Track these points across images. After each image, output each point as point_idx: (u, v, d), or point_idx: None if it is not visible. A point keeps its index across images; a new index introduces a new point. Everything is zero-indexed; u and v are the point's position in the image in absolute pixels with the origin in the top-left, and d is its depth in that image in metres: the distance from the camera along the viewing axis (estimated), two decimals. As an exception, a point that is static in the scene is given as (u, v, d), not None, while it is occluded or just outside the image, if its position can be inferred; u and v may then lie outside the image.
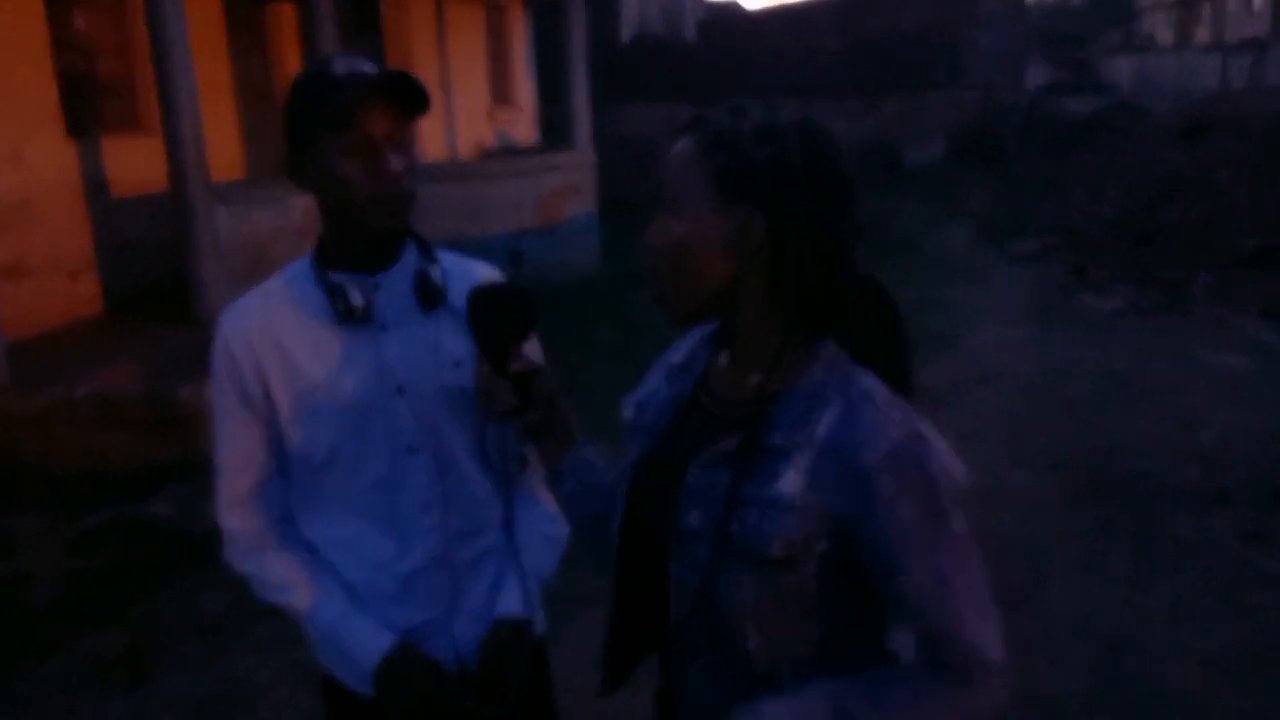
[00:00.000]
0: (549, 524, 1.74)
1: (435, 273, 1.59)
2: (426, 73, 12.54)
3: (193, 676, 3.62)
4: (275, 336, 1.56)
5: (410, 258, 1.62)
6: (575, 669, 1.67)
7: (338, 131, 1.46)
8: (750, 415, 1.20)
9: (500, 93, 14.96)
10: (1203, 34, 32.87)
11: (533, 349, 1.63)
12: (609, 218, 11.28)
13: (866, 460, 1.10)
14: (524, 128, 15.58)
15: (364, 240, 1.55)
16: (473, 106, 13.56)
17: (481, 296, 1.42)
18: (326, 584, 1.62)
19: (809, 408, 1.15)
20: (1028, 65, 23.25)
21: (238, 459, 1.61)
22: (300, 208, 8.26)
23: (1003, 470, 5.23)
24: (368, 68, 1.48)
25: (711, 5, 28.43)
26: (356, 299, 1.53)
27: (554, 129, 11.28)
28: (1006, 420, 6.04)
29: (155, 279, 7.56)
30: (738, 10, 28.24)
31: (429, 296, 1.58)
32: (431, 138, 12.09)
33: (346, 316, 1.53)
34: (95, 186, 7.51)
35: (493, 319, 1.41)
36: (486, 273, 1.67)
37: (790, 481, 1.13)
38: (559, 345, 1.95)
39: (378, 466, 1.58)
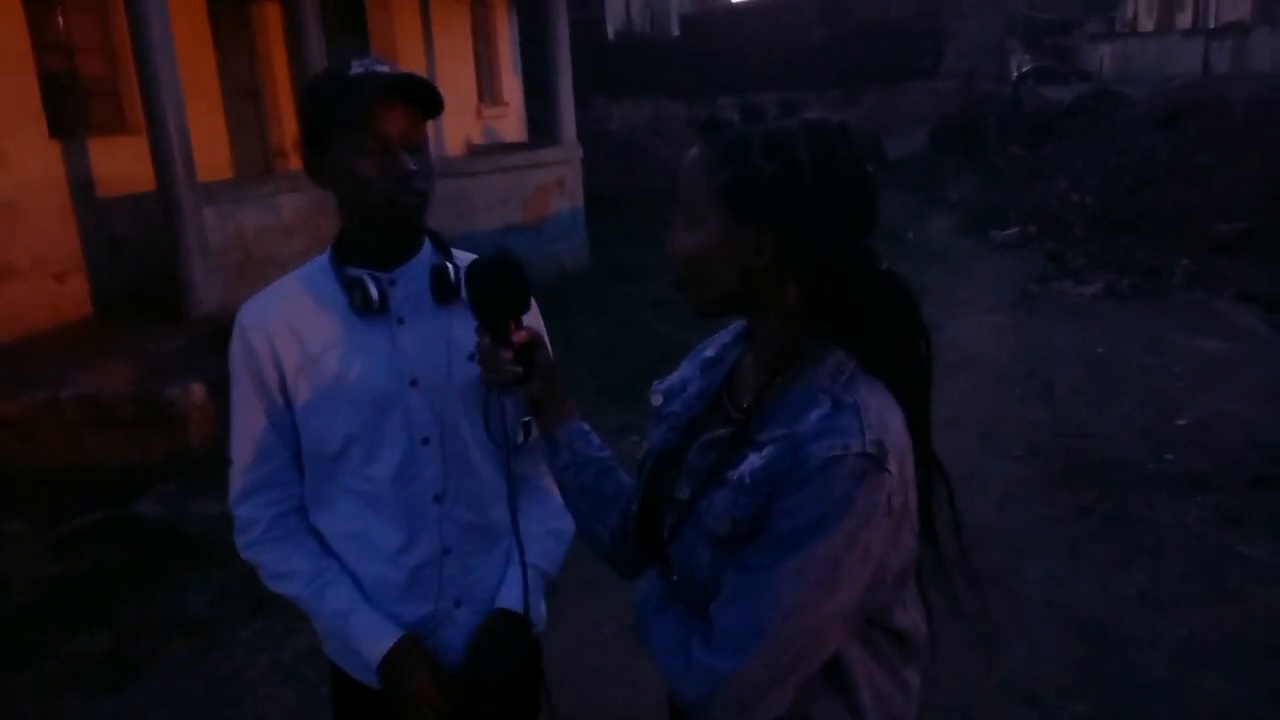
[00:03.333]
0: (555, 519, 1.76)
1: (450, 268, 1.63)
2: (413, 70, 12.51)
3: (179, 676, 3.63)
4: (293, 329, 1.59)
5: (426, 253, 1.66)
6: (568, 659, 1.67)
7: (354, 131, 1.49)
8: (750, 412, 1.23)
9: (487, 90, 14.95)
10: (1185, 18, 32.93)
11: (534, 321, 1.66)
12: (595, 213, 11.30)
13: (813, 454, 1.10)
14: (511, 124, 15.57)
15: (381, 237, 1.59)
16: (460, 104, 13.54)
17: (479, 269, 1.43)
18: (333, 577, 1.65)
19: (801, 409, 1.15)
20: (1010, 53, 23.28)
21: (252, 450, 1.64)
22: (289, 207, 8.27)
23: (980, 457, 5.29)
24: (383, 68, 1.51)
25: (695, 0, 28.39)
26: (373, 291, 1.57)
27: (540, 125, 11.32)
28: (984, 407, 6.09)
29: (144, 279, 7.55)
30: (721, 4, 28.19)
31: (444, 291, 1.62)
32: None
33: (363, 309, 1.57)
34: (81, 187, 7.49)
35: (491, 290, 1.42)
36: None
37: (750, 463, 1.16)
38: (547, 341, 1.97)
39: (391, 457, 1.61)
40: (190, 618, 3.97)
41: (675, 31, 24.68)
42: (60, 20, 7.76)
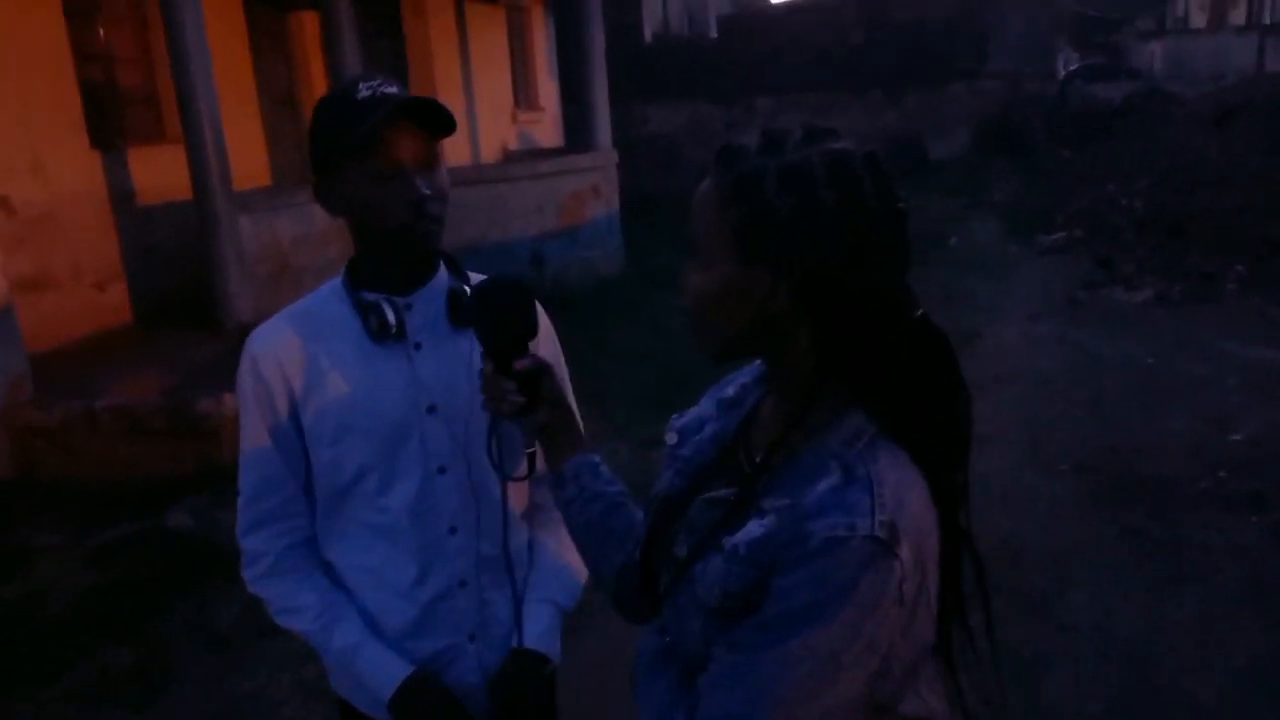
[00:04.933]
0: (571, 553, 1.69)
1: (467, 290, 1.58)
2: (449, 76, 12.56)
3: (204, 692, 3.62)
4: (306, 356, 1.55)
5: (442, 277, 1.62)
6: (576, 689, 1.61)
7: (364, 157, 1.44)
8: (757, 472, 1.13)
9: (523, 94, 14.98)
10: (1238, 14, 32.27)
11: (549, 350, 1.63)
12: (631, 218, 11.25)
13: (815, 531, 0.99)
14: (547, 129, 15.58)
15: (395, 262, 1.55)
16: (495, 108, 13.58)
17: (481, 294, 1.38)
18: (341, 612, 1.61)
19: (812, 477, 1.04)
20: (1057, 51, 22.94)
21: (261, 481, 1.60)
22: (323, 215, 8.23)
23: (1024, 473, 5.15)
24: (391, 89, 1.46)
25: (734, 1, 28.30)
26: (390, 316, 1.52)
27: (577, 130, 11.34)
28: (1029, 420, 5.94)
29: (182, 287, 7.64)
30: (760, 6, 28.09)
31: (461, 314, 1.57)
32: (454, 141, 12.07)
33: (380, 334, 1.53)
34: (121, 197, 7.58)
35: (493, 316, 1.36)
36: None
37: (749, 531, 1.05)
38: (581, 348, 1.91)
39: (408, 486, 1.57)
40: (215, 633, 3.95)
41: (713, 33, 24.58)
42: (100, 31, 7.85)
